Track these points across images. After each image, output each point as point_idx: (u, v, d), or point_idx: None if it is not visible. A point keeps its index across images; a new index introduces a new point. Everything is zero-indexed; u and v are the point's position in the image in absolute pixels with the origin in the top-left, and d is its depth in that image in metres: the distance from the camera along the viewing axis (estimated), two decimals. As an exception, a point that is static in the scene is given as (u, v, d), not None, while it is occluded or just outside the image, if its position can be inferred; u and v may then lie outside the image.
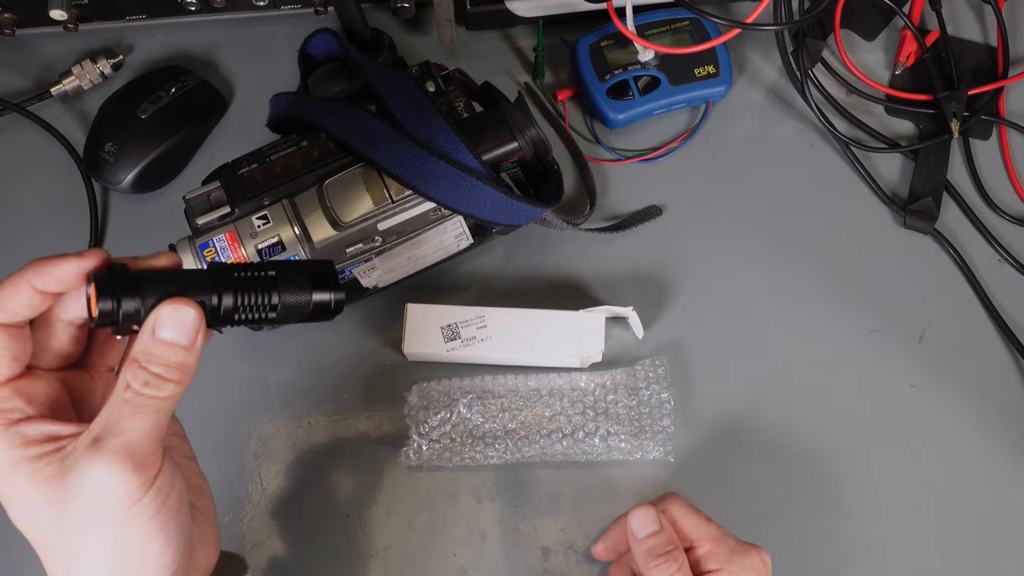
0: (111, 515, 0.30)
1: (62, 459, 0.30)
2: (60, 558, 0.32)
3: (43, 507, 0.31)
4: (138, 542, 0.31)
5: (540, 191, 0.55)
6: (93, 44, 0.63)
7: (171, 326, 0.32)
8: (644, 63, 0.59)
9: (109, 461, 0.30)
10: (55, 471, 0.30)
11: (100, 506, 0.30)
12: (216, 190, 0.49)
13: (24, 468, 0.30)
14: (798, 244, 0.59)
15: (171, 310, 0.32)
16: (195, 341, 0.32)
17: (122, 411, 0.31)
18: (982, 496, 0.54)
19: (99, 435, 0.30)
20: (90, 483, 0.30)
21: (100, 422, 0.31)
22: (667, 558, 0.43)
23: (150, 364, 0.31)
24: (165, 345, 0.32)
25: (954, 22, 0.65)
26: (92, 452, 0.30)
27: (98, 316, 0.32)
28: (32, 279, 0.32)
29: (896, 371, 0.56)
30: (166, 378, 0.32)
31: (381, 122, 0.48)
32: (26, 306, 0.32)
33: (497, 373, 0.54)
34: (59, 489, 0.30)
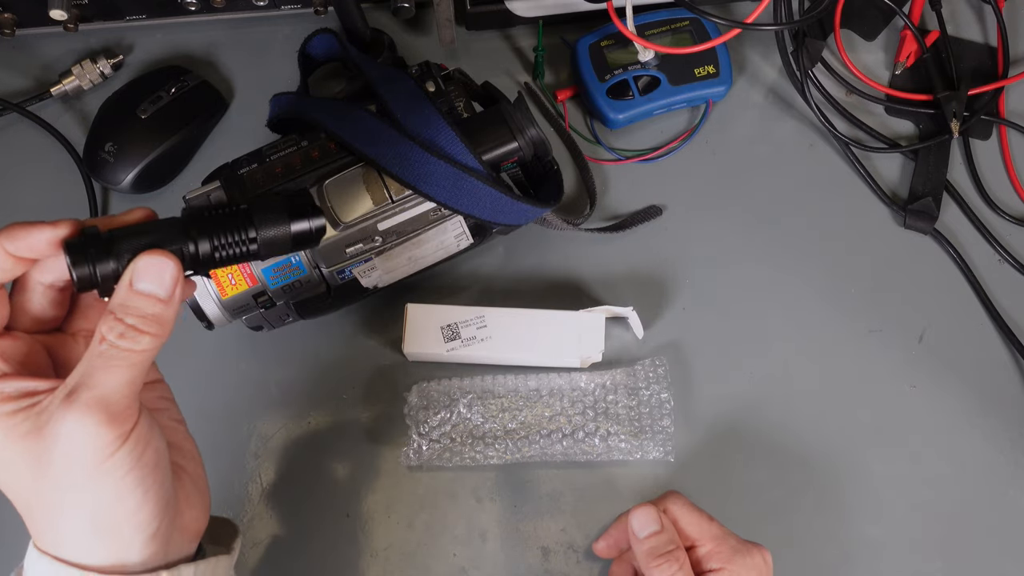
0: (85, 469, 0.30)
1: (37, 414, 0.30)
2: (39, 515, 0.32)
3: (20, 464, 0.30)
4: (114, 497, 0.31)
5: (540, 191, 0.55)
6: (93, 44, 0.63)
7: (148, 278, 0.32)
8: (644, 63, 0.59)
9: (82, 413, 0.30)
10: (31, 427, 0.30)
11: (75, 460, 0.30)
12: (216, 190, 0.49)
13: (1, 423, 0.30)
14: (798, 244, 0.59)
15: (147, 261, 0.32)
16: (173, 292, 0.32)
17: (96, 364, 0.31)
18: (982, 496, 0.54)
19: (73, 388, 0.30)
20: (64, 437, 0.30)
21: (75, 376, 0.31)
22: (668, 558, 0.43)
23: (126, 316, 0.31)
24: (142, 297, 0.32)
25: (954, 22, 0.65)
26: (66, 405, 0.30)
27: (77, 281, 0.32)
28: (5, 244, 0.32)
29: (896, 371, 0.56)
30: (142, 330, 0.31)
31: (381, 122, 0.48)
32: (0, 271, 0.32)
33: (497, 373, 0.54)
34: (35, 445, 0.30)
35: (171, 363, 0.55)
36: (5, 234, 0.32)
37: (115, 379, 0.31)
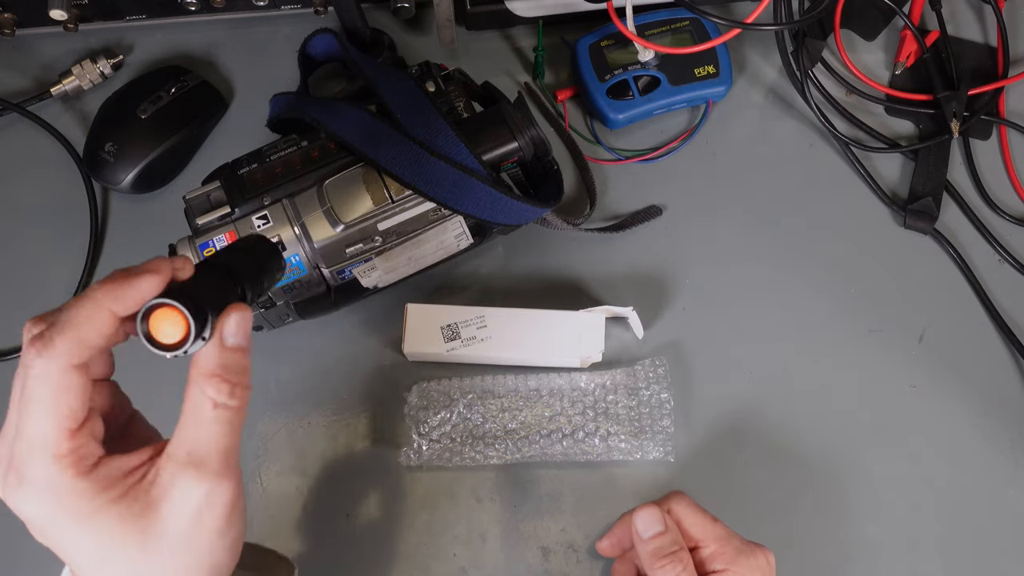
0: (209, 530, 0.31)
1: (148, 490, 0.30)
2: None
3: (129, 543, 0.30)
4: (225, 551, 0.32)
5: (540, 191, 0.55)
6: (93, 44, 0.63)
7: (235, 331, 0.31)
8: (644, 63, 0.59)
9: (216, 478, 0.30)
10: (143, 506, 0.30)
11: (198, 523, 0.30)
12: (216, 190, 0.49)
13: (112, 511, 0.29)
14: (798, 244, 0.59)
15: (236, 316, 0.31)
16: (251, 341, 0.32)
17: (214, 429, 0.30)
18: (982, 496, 0.54)
19: (197, 457, 0.30)
20: (189, 504, 0.30)
21: (187, 443, 0.30)
22: (672, 558, 0.43)
23: (230, 375, 0.31)
24: (236, 352, 0.31)
25: (954, 22, 0.65)
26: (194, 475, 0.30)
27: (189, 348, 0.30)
28: (110, 305, 0.29)
29: (896, 371, 0.56)
30: (244, 385, 0.31)
31: (381, 122, 0.48)
32: (102, 336, 0.30)
33: (497, 373, 0.54)
34: (144, 523, 0.30)
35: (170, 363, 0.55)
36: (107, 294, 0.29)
37: (232, 441, 0.31)
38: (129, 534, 0.30)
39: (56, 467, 0.29)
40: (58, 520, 0.29)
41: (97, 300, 0.29)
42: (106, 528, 0.29)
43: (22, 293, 0.57)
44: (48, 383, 0.29)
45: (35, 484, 0.29)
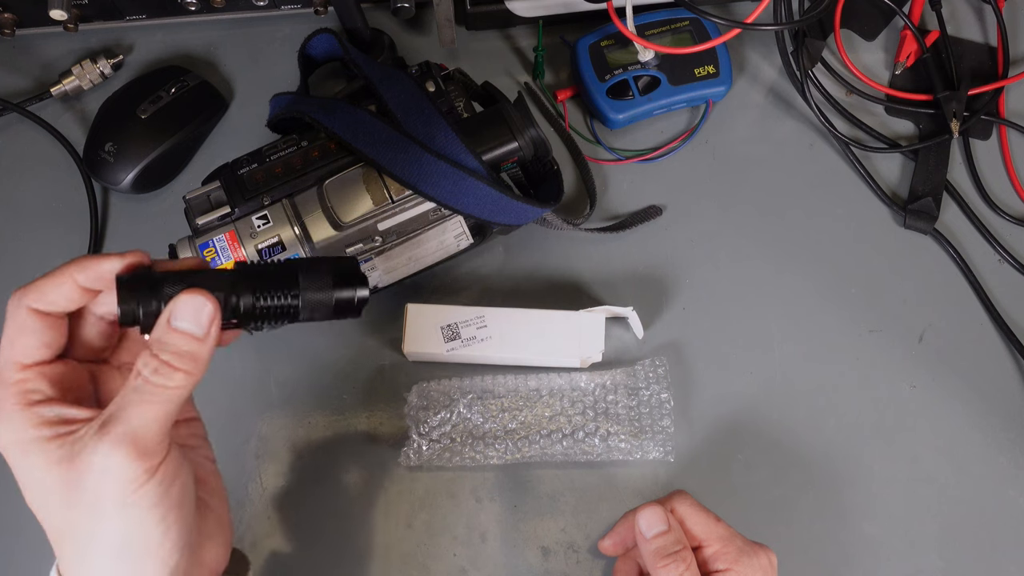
0: (113, 500, 0.31)
1: (72, 443, 0.31)
2: (68, 541, 0.33)
3: (53, 490, 0.31)
4: (138, 530, 0.32)
5: (540, 191, 0.56)
6: (93, 44, 0.63)
7: (185, 316, 0.32)
8: (644, 63, 0.59)
9: (112, 446, 0.30)
10: (65, 454, 0.31)
11: (103, 491, 0.31)
12: (216, 190, 0.49)
13: (38, 448, 0.31)
14: (798, 244, 0.59)
15: (185, 300, 0.32)
16: (208, 332, 0.32)
17: (130, 398, 0.31)
18: (982, 496, 0.54)
19: (106, 420, 0.31)
20: (95, 467, 0.31)
21: (110, 408, 0.32)
22: (675, 558, 0.43)
23: (161, 352, 0.32)
24: (178, 334, 0.32)
25: (954, 22, 0.65)
26: (98, 436, 0.31)
27: (120, 316, 0.32)
28: (75, 274, 0.33)
29: (896, 371, 0.56)
30: (175, 367, 0.32)
31: (381, 122, 0.48)
32: (66, 298, 0.33)
33: (497, 373, 0.54)
34: (67, 472, 0.31)
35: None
36: (76, 265, 0.33)
37: (146, 414, 0.31)
38: (55, 478, 0.31)
39: (5, 391, 0.32)
40: (6, 446, 0.32)
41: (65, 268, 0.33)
42: (37, 465, 0.31)
43: (22, 293, 0.57)
44: (12, 321, 0.33)
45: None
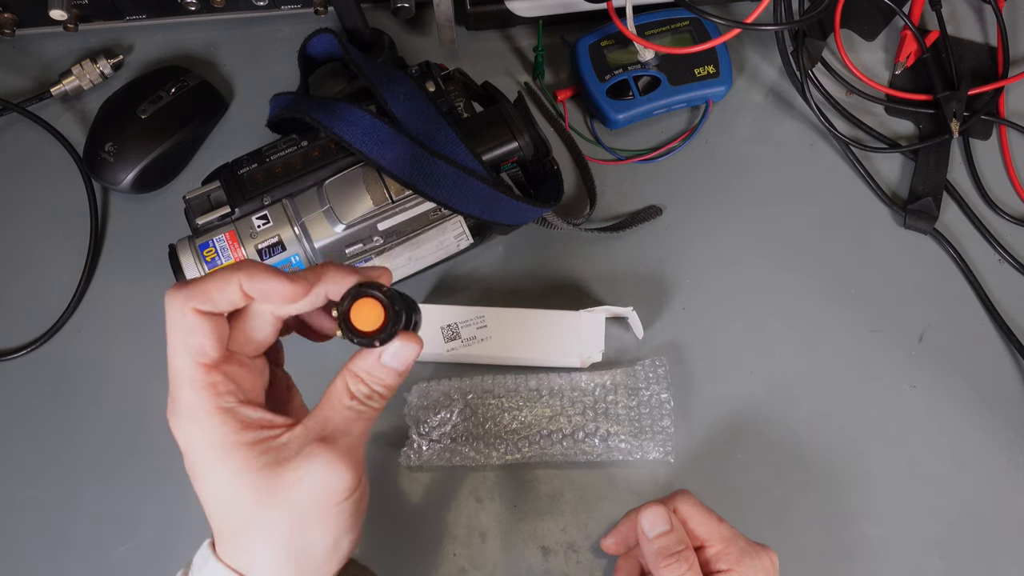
0: (319, 507, 0.33)
1: (278, 449, 0.32)
2: (243, 534, 0.33)
3: (246, 492, 0.32)
4: (329, 537, 0.34)
5: (540, 191, 0.55)
6: (93, 44, 0.63)
7: (399, 357, 0.35)
8: (644, 63, 0.59)
9: (339, 457, 0.33)
10: (270, 460, 0.32)
11: (312, 497, 0.32)
12: (216, 190, 0.49)
13: (240, 452, 0.32)
14: (798, 244, 0.59)
15: (403, 346, 0.35)
16: (408, 370, 0.36)
17: (347, 415, 0.34)
18: (982, 496, 0.54)
19: (326, 433, 0.33)
20: (310, 475, 0.32)
21: (322, 420, 0.34)
22: (678, 558, 0.43)
23: (373, 383, 0.35)
24: (388, 370, 0.35)
25: (954, 22, 0.65)
26: (320, 446, 0.33)
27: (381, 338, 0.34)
28: (243, 281, 0.33)
29: (896, 371, 0.56)
30: (382, 395, 0.35)
31: (381, 122, 0.48)
32: (229, 302, 0.34)
33: (497, 373, 0.54)
34: (270, 478, 0.32)
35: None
36: (244, 273, 0.33)
37: (361, 432, 0.34)
38: (252, 482, 0.32)
39: (199, 396, 0.32)
40: (197, 447, 0.33)
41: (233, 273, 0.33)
42: (234, 468, 0.32)
43: (22, 293, 0.57)
44: (177, 325, 0.33)
45: (184, 410, 0.33)
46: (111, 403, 0.54)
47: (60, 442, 0.54)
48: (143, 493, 0.52)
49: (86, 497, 0.52)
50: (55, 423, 0.54)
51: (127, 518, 0.52)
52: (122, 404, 0.54)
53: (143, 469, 0.53)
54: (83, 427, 0.54)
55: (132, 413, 0.54)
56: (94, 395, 0.54)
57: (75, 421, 0.54)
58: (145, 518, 0.52)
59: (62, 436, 0.54)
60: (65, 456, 0.53)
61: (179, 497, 0.52)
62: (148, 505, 0.52)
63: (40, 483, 0.53)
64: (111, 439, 0.53)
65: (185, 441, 0.33)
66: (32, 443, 0.53)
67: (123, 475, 0.53)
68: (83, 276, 0.57)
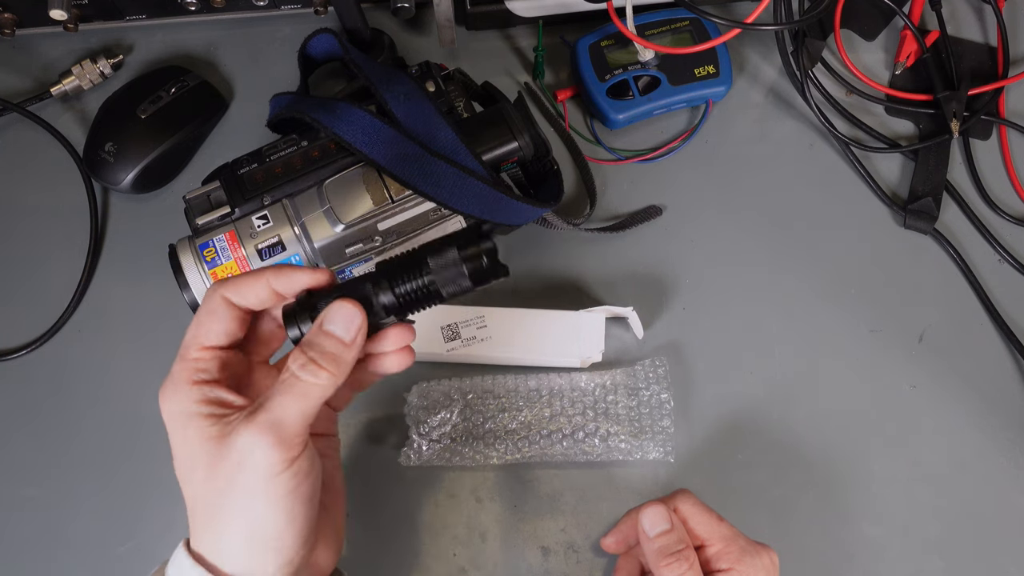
0: (248, 482, 0.33)
1: (226, 423, 0.34)
2: (202, 512, 0.35)
3: (200, 463, 0.34)
4: (266, 514, 0.34)
5: (540, 191, 0.55)
6: (93, 44, 0.63)
7: (335, 321, 0.35)
8: (644, 63, 0.59)
9: (258, 432, 0.33)
10: (217, 432, 0.34)
11: (242, 471, 0.33)
12: (216, 190, 0.49)
13: (195, 423, 0.34)
14: (798, 244, 0.59)
15: (338, 306, 0.35)
16: (355, 339, 0.35)
17: (278, 389, 0.34)
18: (982, 496, 0.54)
19: (255, 408, 0.34)
20: (240, 448, 0.33)
21: (261, 399, 0.35)
22: (678, 557, 0.43)
23: (309, 350, 0.35)
24: (327, 336, 0.35)
25: (954, 22, 0.65)
26: (247, 422, 0.34)
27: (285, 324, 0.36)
28: (271, 278, 0.36)
29: (896, 371, 0.56)
30: (320, 365, 0.35)
31: (381, 122, 0.48)
32: (258, 298, 0.37)
33: (497, 373, 0.54)
34: (215, 449, 0.34)
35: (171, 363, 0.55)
36: (273, 272, 0.37)
37: (290, 407, 0.34)
38: (204, 452, 0.34)
39: (182, 367, 0.36)
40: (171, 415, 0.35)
41: (264, 271, 0.37)
42: (191, 437, 0.34)
43: (22, 293, 0.57)
44: (205, 306, 0.36)
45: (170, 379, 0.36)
46: (111, 403, 0.54)
47: (60, 442, 0.54)
48: (143, 493, 0.52)
49: (86, 497, 0.52)
50: (55, 423, 0.54)
51: (127, 518, 0.52)
52: (122, 404, 0.54)
53: (143, 469, 0.53)
54: (83, 427, 0.54)
55: (132, 413, 0.54)
56: (94, 395, 0.54)
57: (75, 421, 0.54)
58: (145, 518, 0.52)
59: (62, 436, 0.54)
60: (65, 456, 0.53)
61: (179, 497, 0.52)
62: (148, 505, 0.52)
63: (40, 483, 0.53)
64: (111, 439, 0.53)
65: (164, 409, 0.35)
66: (32, 443, 0.53)
67: (123, 475, 0.53)
68: (83, 276, 0.57)
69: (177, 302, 0.49)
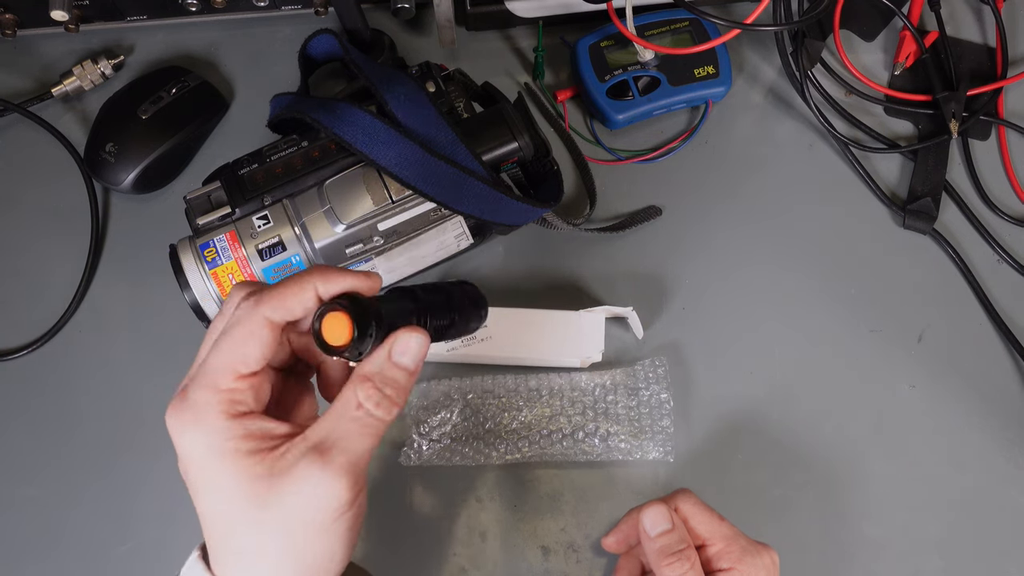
0: (312, 522, 0.31)
1: (275, 459, 0.31)
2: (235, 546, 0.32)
3: (240, 500, 0.31)
4: (324, 552, 0.32)
5: (540, 191, 0.56)
6: (94, 45, 0.63)
7: (408, 353, 0.33)
8: (644, 63, 0.59)
9: (335, 473, 0.31)
10: (265, 470, 0.31)
11: (305, 511, 0.31)
12: (216, 190, 0.49)
13: (237, 462, 0.31)
14: (797, 244, 0.59)
15: (407, 336, 0.33)
16: (419, 367, 0.34)
17: (351, 428, 0.32)
18: (982, 496, 0.54)
19: (325, 446, 0.31)
20: (304, 488, 0.31)
21: (322, 432, 0.32)
22: (679, 556, 0.43)
23: (385, 386, 0.33)
24: (398, 369, 0.33)
25: (953, 23, 0.66)
26: (315, 460, 0.31)
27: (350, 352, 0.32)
28: (318, 284, 0.33)
29: (896, 371, 0.56)
30: (394, 401, 0.33)
31: (381, 122, 0.48)
32: (304, 308, 0.33)
33: (497, 373, 0.54)
34: (264, 488, 0.31)
35: (172, 364, 0.55)
36: (319, 276, 0.33)
37: (365, 446, 0.32)
38: (247, 492, 0.31)
39: (213, 398, 0.31)
40: (196, 449, 0.31)
41: (308, 277, 0.33)
42: (230, 475, 0.31)
43: (22, 293, 0.57)
44: (243, 327, 0.32)
45: (191, 408, 0.31)
46: (111, 403, 0.54)
47: (60, 442, 0.54)
48: (143, 493, 0.52)
49: (86, 497, 0.52)
50: (55, 423, 0.54)
51: (127, 518, 0.52)
52: (122, 404, 0.54)
53: (143, 469, 0.53)
54: (83, 427, 0.54)
55: (132, 413, 0.54)
56: (94, 395, 0.54)
57: (75, 421, 0.54)
58: (145, 518, 0.52)
59: (62, 436, 0.54)
60: (65, 456, 0.53)
61: (179, 497, 0.52)
62: (148, 505, 0.52)
63: (40, 483, 0.53)
64: (111, 439, 0.53)
65: (184, 441, 0.32)
66: (32, 443, 0.53)
67: (123, 475, 0.53)
68: (84, 276, 0.57)
69: (178, 302, 0.49)
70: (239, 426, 0.31)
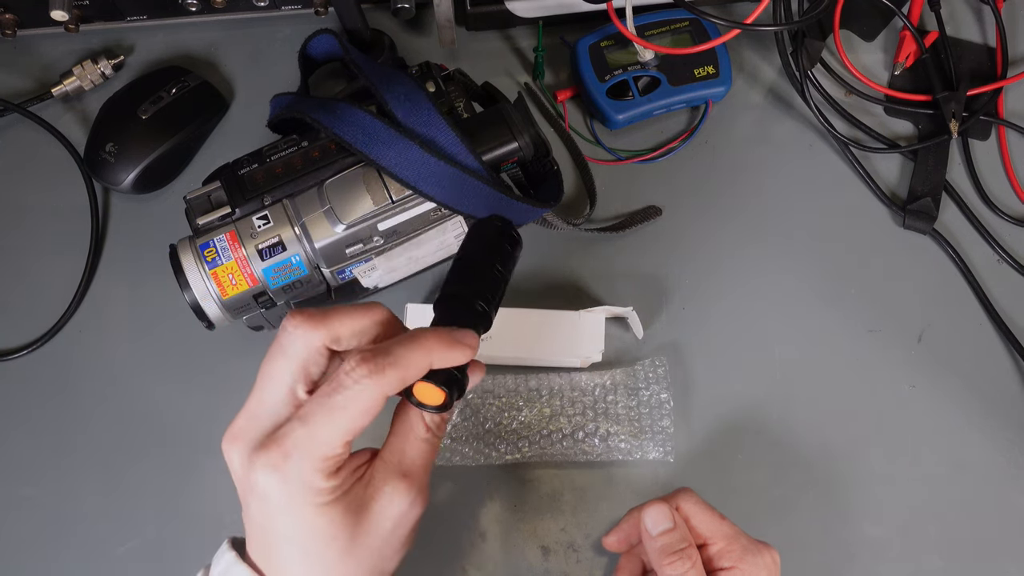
0: (400, 537, 0.36)
1: (363, 487, 0.35)
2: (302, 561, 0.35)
3: (341, 537, 0.34)
4: (400, 557, 0.37)
5: (540, 191, 0.56)
6: (94, 45, 0.63)
7: None
8: (644, 63, 0.59)
9: (419, 491, 0.36)
10: (359, 502, 0.35)
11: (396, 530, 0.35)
12: (216, 190, 0.49)
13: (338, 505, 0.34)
14: (797, 244, 0.59)
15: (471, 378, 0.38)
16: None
17: (423, 448, 0.36)
18: (982, 496, 0.54)
19: (406, 468, 0.36)
20: (390, 511, 0.35)
21: (397, 454, 0.36)
22: (681, 555, 0.43)
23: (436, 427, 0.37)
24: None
25: (953, 23, 0.66)
26: (400, 482, 0.35)
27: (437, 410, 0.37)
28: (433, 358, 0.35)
29: (896, 371, 0.56)
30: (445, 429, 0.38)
31: (381, 122, 0.48)
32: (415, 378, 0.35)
33: (497, 373, 0.54)
34: (360, 518, 0.34)
35: (172, 363, 0.55)
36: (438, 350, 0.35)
37: (430, 462, 0.37)
38: (343, 528, 0.34)
39: (320, 465, 0.33)
40: (292, 502, 0.33)
41: (428, 350, 0.34)
42: (327, 519, 0.34)
43: (22, 293, 0.57)
44: (362, 401, 0.33)
45: (292, 469, 0.33)
46: (112, 403, 0.54)
47: (60, 442, 0.54)
48: (143, 493, 0.52)
49: (86, 497, 0.52)
50: (55, 423, 0.54)
51: (127, 518, 0.52)
52: (123, 404, 0.54)
53: (143, 469, 0.53)
54: (83, 427, 0.54)
55: (133, 413, 0.54)
56: (95, 395, 0.54)
57: (75, 421, 0.54)
58: (145, 518, 0.52)
59: (62, 436, 0.54)
60: (65, 456, 0.53)
61: (179, 497, 0.52)
62: (148, 505, 0.52)
63: (40, 483, 0.53)
64: (111, 439, 0.53)
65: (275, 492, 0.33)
66: (32, 443, 0.53)
67: (123, 475, 0.53)
68: (84, 276, 0.57)
69: (178, 302, 0.49)
70: (337, 478, 0.34)
